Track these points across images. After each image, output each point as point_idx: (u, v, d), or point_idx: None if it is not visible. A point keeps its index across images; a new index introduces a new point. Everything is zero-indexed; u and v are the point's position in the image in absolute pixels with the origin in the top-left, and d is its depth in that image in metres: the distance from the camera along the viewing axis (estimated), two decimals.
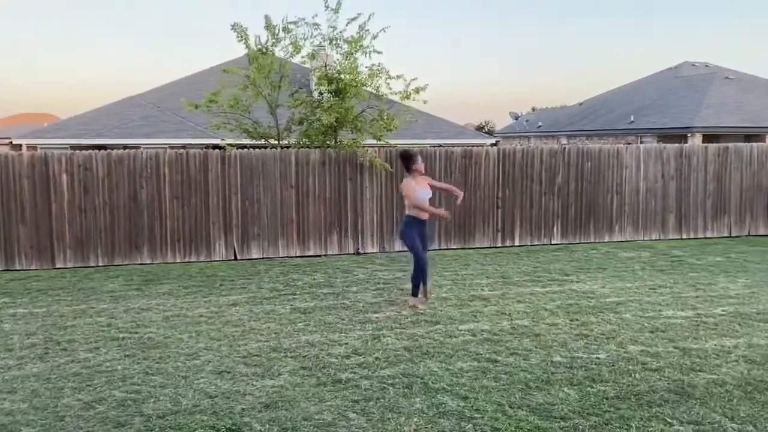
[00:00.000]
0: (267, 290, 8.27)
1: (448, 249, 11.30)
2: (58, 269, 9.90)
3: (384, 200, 11.12)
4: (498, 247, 11.55)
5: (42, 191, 9.91)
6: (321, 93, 11.44)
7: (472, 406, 4.51)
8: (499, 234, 11.66)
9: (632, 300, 7.55)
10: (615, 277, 8.85)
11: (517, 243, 11.71)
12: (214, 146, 13.72)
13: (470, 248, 11.44)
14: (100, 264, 10.14)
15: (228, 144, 11.10)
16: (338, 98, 10.95)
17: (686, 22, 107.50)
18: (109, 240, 10.17)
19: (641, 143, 21.88)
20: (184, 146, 15.17)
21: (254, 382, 5.01)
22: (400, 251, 10.50)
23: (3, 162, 9.77)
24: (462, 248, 11.42)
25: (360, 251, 11.08)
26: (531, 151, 11.86)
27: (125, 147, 15.74)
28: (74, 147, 15.32)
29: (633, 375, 5.09)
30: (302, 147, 11.23)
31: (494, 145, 17.11)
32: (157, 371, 5.28)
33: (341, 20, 11.03)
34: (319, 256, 10.84)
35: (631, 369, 5.22)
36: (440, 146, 12.96)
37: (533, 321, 6.66)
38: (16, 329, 6.56)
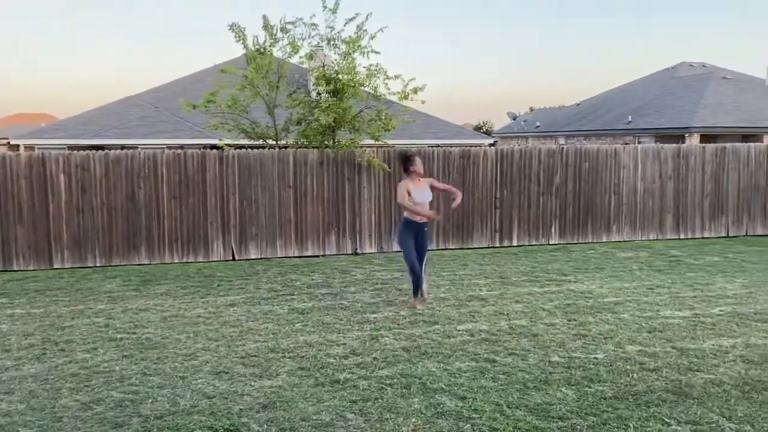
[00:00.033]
0: (265, 290, 8.27)
1: (447, 249, 11.30)
2: (56, 270, 9.89)
3: (382, 200, 11.12)
4: (496, 248, 11.55)
5: (39, 191, 9.90)
6: (319, 93, 11.45)
7: (470, 406, 4.51)
8: (497, 234, 11.67)
9: (630, 300, 7.56)
10: (613, 277, 8.85)
11: (515, 243, 11.72)
12: (212, 146, 13.72)
13: (468, 248, 11.45)
14: (98, 264, 10.13)
15: (226, 144, 11.09)
16: (336, 98, 10.95)
17: (686, 22, 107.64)
18: (107, 240, 10.16)
19: (639, 143, 21.91)
20: (182, 146, 15.16)
21: (252, 383, 5.01)
22: (398, 251, 10.47)
23: (0, 162, 9.75)
24: (460, 248, 11.43)
25: (358, 251, 11.08)
26: (529, 152, 11.87)
27: (123, 147, 15.73)
28: (72, 147, 15.30)
29: (631, 375, 5.09)
30: (300, 147, 11.23)
31: (492, 146, 17.12)
32: (155, 372, 5.28)
33: (339, 20, 11.05)
34: (317, 257, 10.84)
35: (629, 369, 5.22)
36: (438, 146, 12.97)
37: (531, 321, 6.67)
38: (14, 330, 6.55)
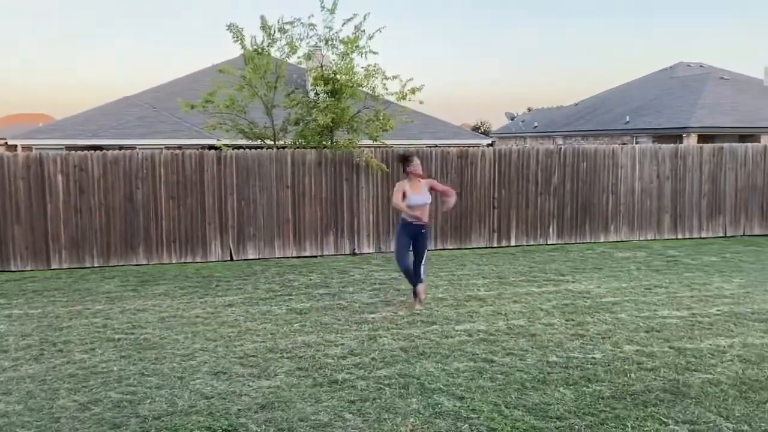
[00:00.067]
0: (263, 291, 8.26)
1: (444, 249, 11.31)
2: (54, 270, 9.88)
3: (380, 200, 11.12)
4: (494, 248, 11.56)
5: (37, 192, 9.89)
6: (317, 93, 11.45)
7: (468, 407, 4.52)
8: (495, 234, 11.68)
9: (628, 300, 7.57)
10: (611, 277, 8.87)
11: (513, 243, 11.73)
12: (210, 147, 13.70)
13: (466, 248, 11.45)
14: (96, 265, 10.12)
15: (224, 144, 11.08)
16: (334, 99, 10.96)
17: (686, 22, 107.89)
18: (105, 241, 10.15)
19: (636, 143, 21.94)
20: (180, 147, 15.14)
21: (250, 383, 5.01)
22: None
23: None
24: (458, 248, 11.43)
25: (356, 252, 11.09)
26: (527, 152, 11.88)
27: (121, 147, 15.70)
28: (70, 147, 15.26)
29: (628, 375, 5.10)
30: (298, 147, 11.23)
31: (490, 146, 17.14)
32: (153, 372, 5.27)
33: (337, 21, 11.03)
34: (316, 257, 10.84)
35: (627, 369, 5.23)
36: (436, 146, 12.97)
37: (529, 321, 6.67)
38: (12, 330, 6.54)
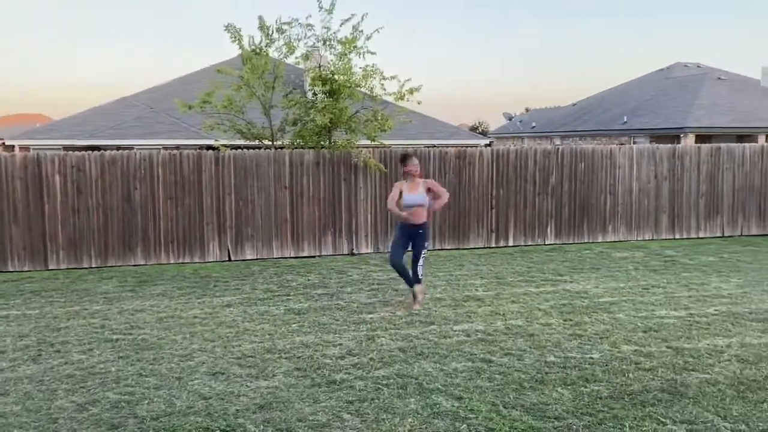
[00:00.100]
0: (261, 291, 8.26)
1: (443, 249, 11.31)
2: (51, 271, 9.86)
3: (378, 201, 11.12)
4: (492, 248, 11.57)
5: (35, 192, 9.87)
6: (315, 94, 11.45)
7: (467, 407, 4.52)
8: (493, 234, 11.69)
9: (625, 300, 7.58)
10: (608, 277, 8.88)
11: (511, 243, 11.74)
12: (208, 147, 13.70)
13: (464, 249, 11.46)
14: (94, 265, 10.10)
15: (222, 145, 11.08)
16: (332, 99, 10.95)
17: (688, 22, 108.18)
18: (103, 241, 10.13)
19: (634, 144, 21.97)
20: (178, 147, 15.14)
21: (248, 384, 5.00)
22: None
23: None
24: (456, 249, 11.44)
25: (354, 252, 11.08)
26: (525, 152, 11.89)
27: (119, 148, 15.69)
28: (67, 148, 15.27)
29: (626, 375, 5.11)
30: (296, 148, 11.23)
31: (488, 146, 17.16)
32: (151, 373, 5.27)
33: (335, 21, 11.02)
34: (314, 257, 10.83)
35: (625, 369, 5.24)
36: (434, 147, 12.98)
37: (527, 321, 6.68)
38: (9, 331, 6.53)
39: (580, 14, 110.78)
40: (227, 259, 10.58)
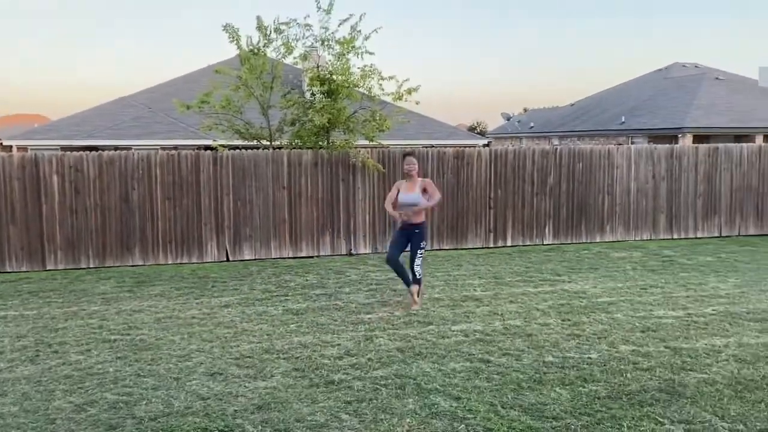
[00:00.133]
0: (259, 291, 8.26)
1: (441, 250, 11.32)
2: (49, 271, 9.85)
3: (377, 201, 11.12)
4: (490, 248, 11.58)
5: (32, 193, 9.86)
6: (313, 94, 11.44)
7: (465, 407, 4.52)
8: (491, 234, 11.69)
9: (623, 300, 7.59)
10: (606, 277, 8.88)
11: (509, 243, 11.75)
12: (206, 147, 13.69)
13: (462, 249, 11.46)
14: (92, 266, 10.09)
15: (220, 145, 11.08)
16: (330, 99, 10.95)
17: (686, 23, 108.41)
18: (101, 241, 10.12)
19: (632, 144, 21.99)
20: (176, 147, 15.12)
21: (246, 384, 5.00)
22: None
23: None
24: (454, 249, 11.44)
25: (352, 252, 11.08)
26: (523, 152, 11.90)
27: (117, 148, 15.68)
28: (65, 148, 15.24)
29: (624, 375, 5.11)
30: (294, 148, 11.22)
31: (486, 146, 17.16)
32: (149, 373, 5.26)
33: (333, 21, 11.03)
34: (312, 257, 10.83)
35: (623, 369, 5.24)
36: (432, 147, 12.99)
37: (525, 321, 6.68)
38: (7, 332, 6.52)
39: (579, 14, 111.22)
40: (225, 260, 10.57)
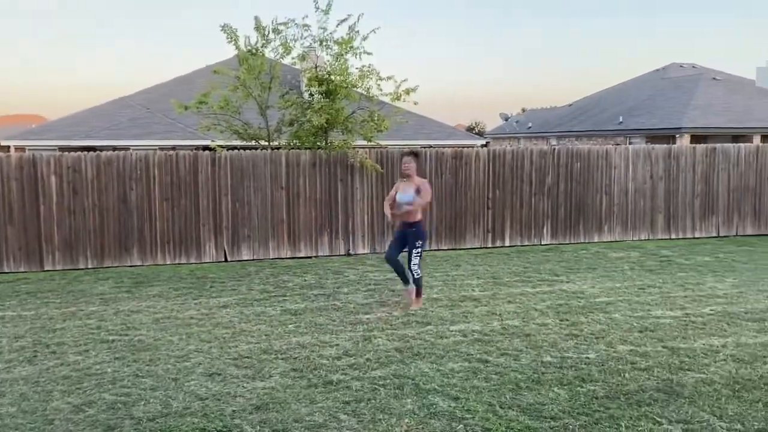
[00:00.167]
0: (257, 292, 8.25)
1: (439, 250, 11.32)
2: (47, 272, 9.84)
3: (375, 201, 11.12)
4: (488, 248, 11.58)
5: (30, 193, 9.84)
6: (311, 94, 11.44)
7: (463, 407, 4.52)
8: (490, 234, 11.70)
9: (621, 300, 7.60)
10: (604, 277, 8.89)
11: (508, 243, 11.75)
12: (205, 147, 13.68)
13: (461, 249, 11.47)
14: (90, 266, 10.08)
15: (218, 145, 11.06)
16: (329, 99, 10.95)
17: (689, 22, 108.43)
18: (99, 242, 10.11)
19: (630, 144, 22.02)
20: (174, 147, 15.11)
21: (245, 384, 5.00)
22: None
23: None
24: (453, 249, 11.44)
25: (351, 252, 11.08)
26: (521, 152, 11.91)
27: (115, 148, 15.66)
28: (63, 148, 15.21)
29: (622, 374, 5.12)
30: (293, 148, 11.22)
31: (485, 146, 17.17)
32: (148, 374, 5.26)
33: (332, 21, 11.03)
34: (310, 258, 10.83)
35: (621, 368, 5.25)
36: (431, 147, 12.99)
37: (524, 321, 6.69)
38: (5, 332, 6.51)
39: (582, 14, 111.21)
40: (224, 260, 10.56)
